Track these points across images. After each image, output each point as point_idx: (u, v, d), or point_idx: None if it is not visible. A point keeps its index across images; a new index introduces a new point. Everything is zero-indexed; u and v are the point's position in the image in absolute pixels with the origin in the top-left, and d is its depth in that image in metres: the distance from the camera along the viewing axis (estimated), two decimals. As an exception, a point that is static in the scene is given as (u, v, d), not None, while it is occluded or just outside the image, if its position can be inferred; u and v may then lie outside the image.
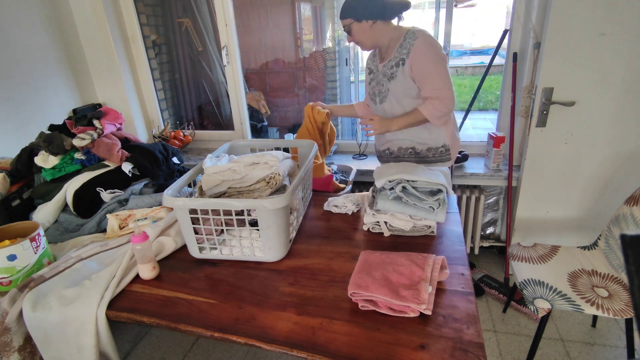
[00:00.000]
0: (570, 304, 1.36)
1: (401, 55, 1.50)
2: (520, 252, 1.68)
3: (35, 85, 2.13)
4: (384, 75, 1.58)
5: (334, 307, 0.96)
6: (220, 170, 1.28)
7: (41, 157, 1.51)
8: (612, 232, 1.55)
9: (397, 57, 1.52)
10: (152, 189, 1.56)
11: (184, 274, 1.14)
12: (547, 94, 1.78)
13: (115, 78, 2.48)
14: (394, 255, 1.05)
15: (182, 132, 2.66)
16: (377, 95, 1.65)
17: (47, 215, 1.44)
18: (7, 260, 1.08)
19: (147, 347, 1.89)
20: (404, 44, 1.49)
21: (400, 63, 1.51)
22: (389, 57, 1.55)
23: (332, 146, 1.92)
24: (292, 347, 0.84)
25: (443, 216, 1.19)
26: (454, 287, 0.99)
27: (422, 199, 1.19)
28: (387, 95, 1.60)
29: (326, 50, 3.03)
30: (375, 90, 1.66)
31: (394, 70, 1.53)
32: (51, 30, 2.21)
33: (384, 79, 1.59)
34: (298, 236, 1.30)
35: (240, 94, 2.56)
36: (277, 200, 1.04)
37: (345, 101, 3.28)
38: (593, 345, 1.73)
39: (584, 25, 1.63)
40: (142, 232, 1.08)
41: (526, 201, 2.03)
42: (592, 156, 1.86)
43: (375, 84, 1.65)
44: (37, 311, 1.00)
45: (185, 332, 0.94)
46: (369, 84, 1.70)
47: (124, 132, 1.72)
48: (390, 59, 1.54)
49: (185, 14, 2.92)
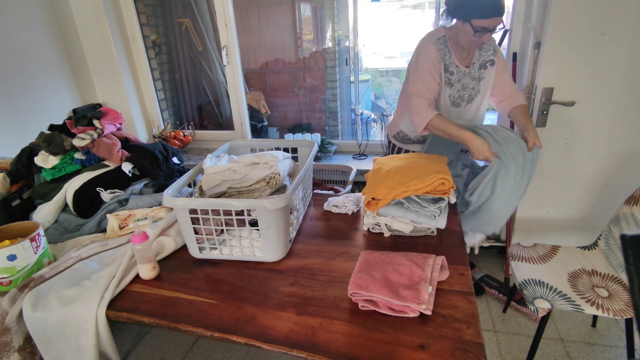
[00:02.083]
0: (570, 304, 1.36)
1: (487, 56, 1.55)
2: (520, 252, 1.68)
3: (35, 85, 2.13)
4: (472, 78, 1.58)
5: (334, 307, 0.96)
6: (220, 170, 1.28)
7: (41, 157, 1.51)
8: (612, 232, 1.55)
9: (481, 58, 1.55)
10: (152, 189, 1.56)
11: (184, 274, 1.14)
12: (547, 94, 1.78)
13: (115, 78, 2.48)
14: (394, 255, 1.05)
15: (182, 132, 2.66)
16: (465, 99, 1.62)
17: (47, 215, 1.44)
18: (7, 260, 1.08)
19: (147, 347, 1.89)
20: (484, 46, 1.54)
21: (488, 64, 1.55)
22: (470, 59, 1.56)
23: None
24: (292, 347, 0.84)
25: (444, 222, 1.18)
26: (454, 287, 0.99)
27: (424, 206, 1.19)
28: (475, 97, 1.62)
29: (326, 50, 3.03)
30: (462, 94, 1.61)
31: (482, 71, 1.57)
32: (51, 31, 2.21)
33: (473, 82, 1.59)
34: (298, 236, 1.30)
35: (240, 94, 2.56)
36: (277, 200, 1.04)
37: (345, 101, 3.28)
38: (593, 345, 1.72)
39: (584, 25, 1.63)
40: (142, 232, 1.08)
41: (526, 201, 2.03)
42: (592, 156, 1.86)
43: (461, 87, 1.59)
44: (37, 311, 1.00)
45: (185, 332, 0.94)
46: (450, 86, 1.57)
47: (124, 132, 1.72)
48: (473, 61, 1.56)
49: (185, 14, 2.92)
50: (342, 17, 2.98)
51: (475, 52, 1.55)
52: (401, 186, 1.17)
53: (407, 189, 1.17)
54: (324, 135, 2.60)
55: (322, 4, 2.98)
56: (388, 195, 1.18)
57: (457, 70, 1.55)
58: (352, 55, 2.97)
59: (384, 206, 1.23)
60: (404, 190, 1.17)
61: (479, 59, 1.55)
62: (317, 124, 3.27)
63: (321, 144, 2.48)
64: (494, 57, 1.55)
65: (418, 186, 1.17)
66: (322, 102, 3.21)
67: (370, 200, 1.22)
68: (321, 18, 3.04)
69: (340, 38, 3.00)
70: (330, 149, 2.49)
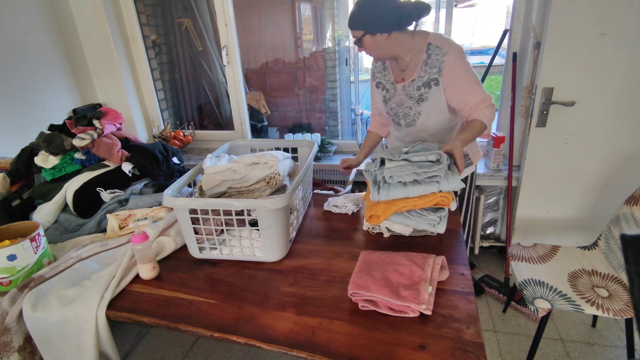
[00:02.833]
0: (570, 304, 1.36)
1: (431, 75, 1.35)
2: (520, 252, 1.68)
3: (35, 85, 2.13)
4: (409, 97, 1.42)
5: (334, 307, 0.96)
6: (220, 171, 1.28)
7: (41, 157, 1.51)
8: (612, 232, 1.55)
9: (424, 77, 1.36)
10: (152, 189, 1.56)
11: (184, 274, 1.14)
12: (547, 94, 1.78)
13: (115, 78, 2.48)
14: (394, 255, 1.05)
15: (182, 132, 2.66)
16: (401, 117, 1.48)
17: (47, 215, 1.44)
18: (7, 260, 1.08)
19: (147, 347, 1.89)
20: (430, 62, 1.34)
21: (432, 84, 1.36)
22: (412, 75, 1.39)
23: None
24: (292, 347, 0.84)
25: (443, 228, 1.18)
26: (454, 287, 0.99)
27: (423, 215, 1.18)
28: (417, 119, 1.45)
29: (326, 50, 3.03)
30: (398, 112, 1.48)
31: (423, 91, 1.38)
32: (51, 31, 2.21)
33: (410, 101, 1.42)
34: (298, 236, 1.30)
35: (240, 94, 2.56)
36: (277, 200, 1.04)
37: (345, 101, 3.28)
38: (593, 345, 1.72)
39: (584, 25, 1.63)
40: (142, 232, 1.08)
41: (526, 201, 2.03)
42: (592, 156, 1.86)
43: (396, 105, 1.47)
44: (37, 311, 1.00)
45: (185, 332, 0.94)
46: (386, 103, 1.51)
47: (124, 132, 1.72)
48: (413, 78, 1.38)
49: (185, 14, 2.92)
50: (342, 17, 2.98)
51: (419, 69, 1.36)
52: (400, 202, 1.17)
53: (407, 204, 1.16)
54: (324, 135, 2.60)
55: (322, 4, 2.98)
56: (387, 212, 1.18)
57: (392, 87, 1.47)
58: (352, 55, 2.97)
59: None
60: (402, 205, 1.17)
61: (423, 77, 1.36)
62: (317, 124, 3.27)
63: (321, 144, 2.48)
64: (438, 75, 1.34)
65: (417, 202, 1.16)
66: (322, 102, 3.21)
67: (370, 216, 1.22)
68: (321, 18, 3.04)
69: (340, 38, 3.00)
70: (330, 149, 2.49)
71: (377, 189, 1.18)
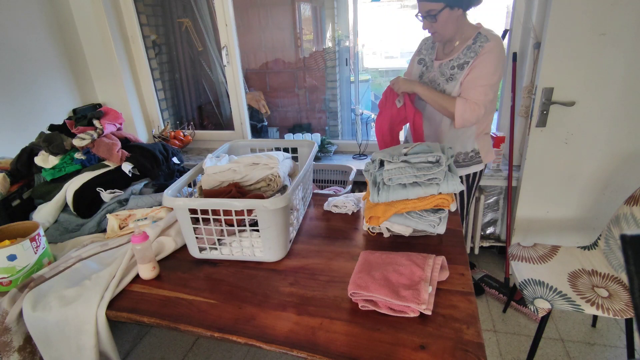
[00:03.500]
0: (570, 304, 1.36)
1: (467, 57, 1.42)
2: (520, 252, 1.68)
3: (35, 85, 2.13)
4: (442, 74, 1.49)
5: (334, 307, 0.96)
6: (221, 171, 1.28)
7: (41, 157, 1.51)
8: (612, 232, 1.55)
9: (461, 59, 1.44)
10: (152, 189, 1.56)
11: (184, 274, 1.14)
12: (547, 94, 1.78)
13: (115, 78, 2.48)
14: (394, 255, 1.05)
15: (182, 132, 2.66)
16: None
17: (47, 215, 1.44)
18: (7, 260, 1.08)
19: (147, 347, 1.89)
20: (473, 47, 1.41)
21: (464, 65, 1.43)
22: (452, 55, 1.46)
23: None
24: (292, 347, 0.84)
25: (443, 228, 1.18)
26: (454, 287, 0.99)
27: (423, 216, 1.18)
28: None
29: (326, 50, 3.03)
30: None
31: (454, 72, 1.45)
32: (51, 31, 2.21)
33: (441, 79, 1.49)
34: (298, 236, 1.30)
35: (240, 94, 2.56)
36: (277, 200, 1.04)
37: (345, 101, 3.28)
38: (593, 345, 1.72)
39: (584, 25, 1.63)
40: (142, 232, 1.08)
41: (526, 201, 2.03)
42: (592, 156, 1.86)
43: (427, 81, 1.55)
44: (37, 311, 1.00)
45: (185, 332, 0.94)
46: (420, 78, 1.59)
47: (124, 132, 1.72)
48: (452, 58, 1.46)
49: (185, 14, 2.92)
50: (342, 17, 2.98)
51: (461, 52, 1.44)
52: (400, 204, 1.17)
53: (406, 206, 1.16)
54: (324, 135, 2.60)
55: (322, 4, 2.98)
56: (387, 213, 1.18)
57: (431, 64, 1.56)
58: (352, 55, 2.97)
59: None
60: (402, 207, 1.17)
61: (461, 59, 1.44)
62: (317, 124, 3.27)
63: (321, 144, 2.48)
64: (472, 59, 1.41)
65: (416, 204, 1.16)
66: (322, 102, 3.21)
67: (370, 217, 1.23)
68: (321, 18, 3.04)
69: (340, 38, 3.00)
70: (330, 149, 2.49)
71: (376, 191, 1.18)
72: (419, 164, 1.14)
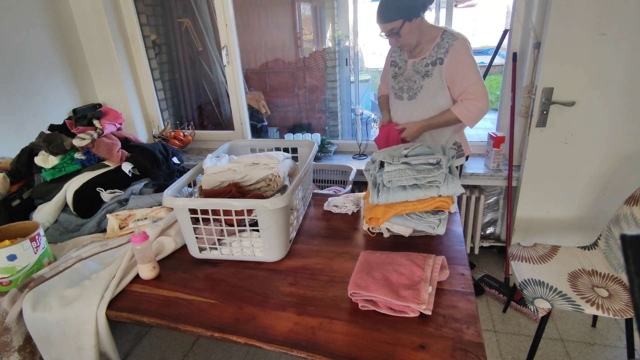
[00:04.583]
0: (570, 304, 1.36)
1: (439, 54, 1.50)
2: (520, 252, 1.68)
3: (35, 85, 2.13)
4: (417, 72, 1.57)
5: (334, 307, 0.96)
6: (221, 171, 1.28)
7: (41, 157, 1.51)
8: (612, 232, 1.55)
9: (433, 56, 1.52)
10: (152, 189, 1.56)
11: (184, 274, 1.14)
12: (547, 94, 1.78)
13: (115, 78, 2.48)
14: (394, 255, 1.05)
15: (182, 132, 2.66)
16: (405, 91, 1.63)
17: (47, 215, 1.44)
18: (7, 260, 1.08)
19: (147, 347, 1.89)
20: (441, 44, 1.50)
21: (437, 62, 1.51)
22: (423, 54, 1.55)
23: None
24: (292, 347, 0.84)
25: (443, 229, 1.18)
26: (454, 287, 0.99)
27: (423, 217, 1.18)
28: (418, 92, 1.59)
29: (326, 50, 3.03)
30: (403, 86, 1.64)
31: (429, 68, 1.53)
32: (51, 30, 2.21)
33: (417, 76, 1.57)
34: (298, 236, 1.30)
35: (240, 94, 2.56)
36: (277, 200, 1.04)
37: (345, 101, 3.28)
38: (593, 345, 1.72)
39: (584, 25, 1.63)
40: (142, 232, 1.08)
41: (526, 201, 2.03)
42: (592, 156, 1.86)
43: (403, 80, 1.63)
44: (37, 311, 1.00)
45: (185, 332, 0.94)
46: (394, 78, 1.68)
47: (124, 132, 1.72)
48: (425, 56, 1.54)
49: (185, 14, 2.92)
50: (342, 17, 2.98)
51: (432, 50, 1.52)
52: (399, 205, 1.17)
53: (406, 207, 1.17)
54: (324, 135, 2.60)
55: (322, 4, 2.98)
56: (386, 215, 1.18)
57: (404, 64, 1.63)
58: (352, 55, 2.97)
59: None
60: (402, 209, 1.17)
61: (433, 56, 1.52)
62: (317, 124, 3.27)
63: (321, 144, 2.48)
64: (444, 56, 1.50)
65: (416, 206, 1.16)
66: (322, 102, 3.21)
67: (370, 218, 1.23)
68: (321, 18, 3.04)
69: (340, 38, 3.00)
70: (330, 149, 2.49)
71: (376, 192, 1.18)
72: (419, 166, 1.14)
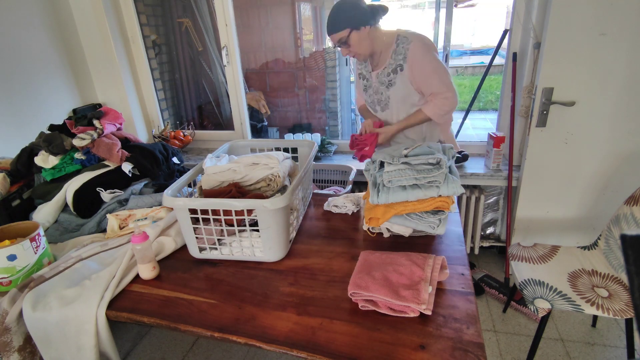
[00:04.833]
0: (570, 304, 1.36)
1: (397, 61, 1.50)
2: (520, 252, 1.68)
3: (35, 85, 2.13)
4: (381, 83, 1.58)
5: (334, 307, 0.96)
6: (221, 171, 1.28)
7: (41, 157, 1.51)
8: (612, 232, 1.55)
9: (392, 64, 1.51)
10: (152, 189, 1.56)
11: (184, 274, 1.14)
12: (547, 94, 1.78)
13: (115, 78, 2.48)
14: (394, 256, 1.05)
15: (182, 132, 2.66)
16: (376, 103, 1.65)
17: (47, 215, 1.44)
18: (7, 260, 1.08)
19: (147, 347, 1.89)
20: (398, 50, 1.49)
21: (397, 69, 1.51)
22: (383, 64, 1.54)
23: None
24: (292, 347, 0.84)
25: (443, 229, 1.18)
26: (454, 287, 0.99)
27: (423, 217, 1.18)
28: (388, 103, 1.61)
29: (326, 50, 3.03)
30: (374, 99, 1.66)
31: (391, 77, 1.53)
32: (51, 31, 2.21)
33: (382, 87, 1.58)
34: (298, 236, 1.30)
35: (240, 94, 2.56)
36: (277, 200, 1.04)
37: (345, 101, 3.28)
38: (593, 345, 1.72)
39: (584, 25, 1.63)
40: (142, 232, 1.08)
41: (526, 201, 2.03)
42: (592, 156, 1.86)
43: (372, 92, 1.65)
44: (37, 311, 1.00)
45: (185, 332, 0.94)
46: (365, 92, 1.70)
47: (124, 132, 1.72)
48: (385, 66, 1.54)
49: (185, 14, 2.92)
50: (342, 17, 2.97)
51: (390, 58, 1.51)
52: (399, 205, 1.17)
53: (406, 208, 1.16)
54: (324, 135, 2.60)
55: (322, 4, 2.98)
56: (386, 215, 1.18)
57: (369, 75, 1.63)
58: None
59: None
60: (402, 209, 1.17)
61: (393, 64, 1.51)
62: (317, 124, 3.27)
63: (321, 144, 2.48)
64: (403, 62, 1.49)
65: (416, 206, 1.16)
66: (322, 102, 3.21)
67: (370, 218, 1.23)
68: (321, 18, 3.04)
69: (340, 38, 3.00)
70: (330, 149, 2.49)
71: (376, 192, 1.18)
72: (419, 166, 1.14)
